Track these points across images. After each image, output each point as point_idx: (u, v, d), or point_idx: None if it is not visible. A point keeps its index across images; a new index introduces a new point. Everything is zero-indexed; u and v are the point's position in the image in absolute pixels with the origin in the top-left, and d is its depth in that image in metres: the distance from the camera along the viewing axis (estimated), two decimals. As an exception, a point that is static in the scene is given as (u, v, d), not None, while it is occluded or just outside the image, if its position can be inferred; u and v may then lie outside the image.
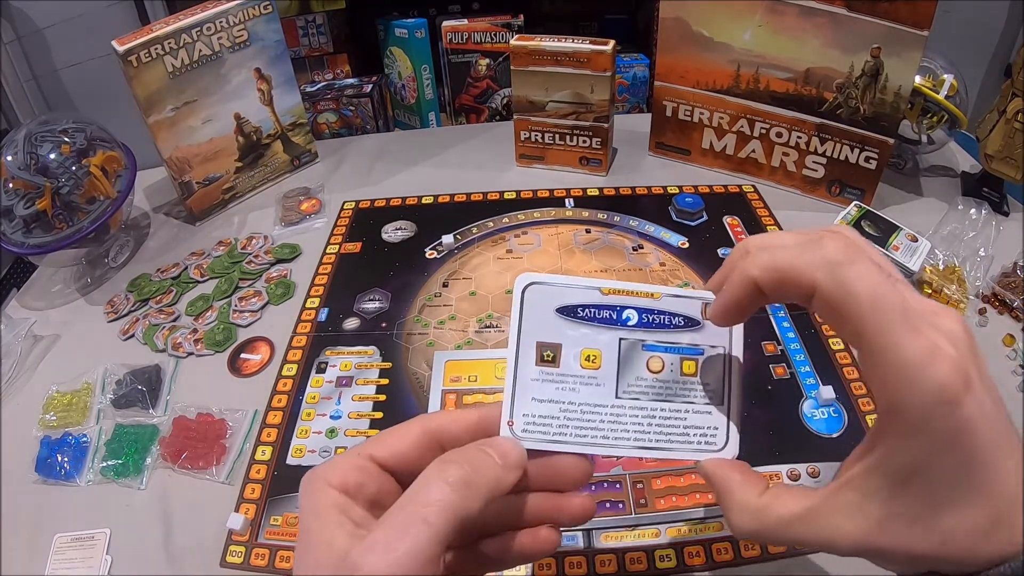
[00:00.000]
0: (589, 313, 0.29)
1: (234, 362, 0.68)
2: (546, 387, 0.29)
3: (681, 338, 0.29)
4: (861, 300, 0.25)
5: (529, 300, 0.30)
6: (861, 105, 0.76)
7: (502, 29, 1.12)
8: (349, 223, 0.86)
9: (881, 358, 0.24)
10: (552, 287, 0.30)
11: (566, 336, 0.29)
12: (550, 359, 0.29)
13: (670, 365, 0.29)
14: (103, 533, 0.53)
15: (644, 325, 0.29)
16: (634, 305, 0.29)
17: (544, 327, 0.30)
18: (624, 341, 0.29)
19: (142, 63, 0.76)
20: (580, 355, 0.29)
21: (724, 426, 0.29)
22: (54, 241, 0.75)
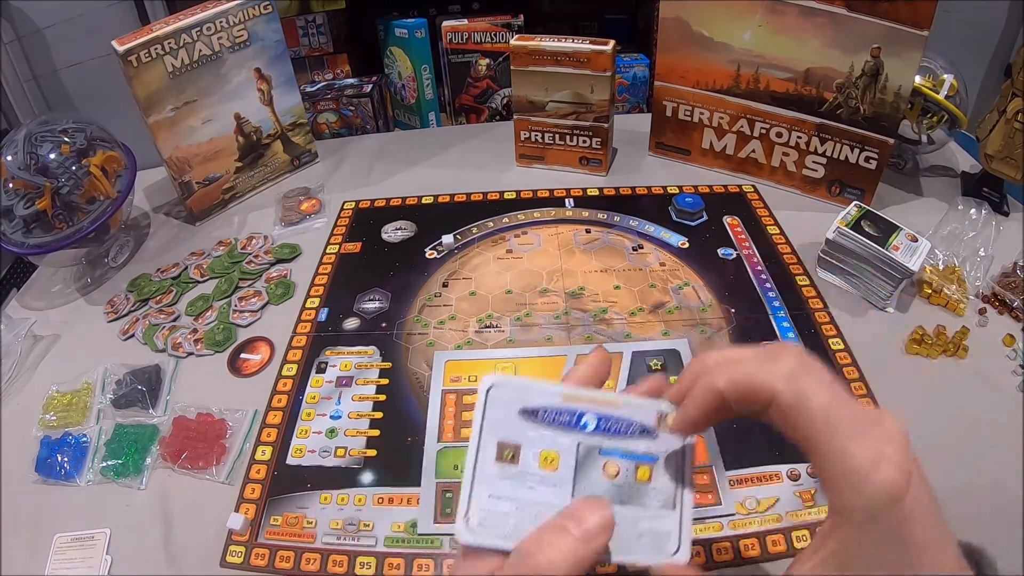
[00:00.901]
0: (549, 416, 0.30)
1: (234, 362, 0.68)
2: (504, 484, 0.30)
3: (637, 445, 0.30)
4: (814, 410, 0.28)
5: (492, 399, 0.31)
6: (861, 105, 0.76)
7: (502, 29, 1.12)
8: (349, 223, 0.86)
9: (833, 464, 0.27)
10: (516, 389, 0.31)
11: (526, 437, 0.30)
12: (510, 457, 0.30)
13: (625, 471, 0.30)
14: (103, 533, 0.53)
15: (602, 431, 0.30)
16: (593, 411, 0.31)
17: (506, 426, 0.31)
18: (582, 445, 0.30)
19: (142, 63, 0.76)
20: (539, 456, 0.30)
21: (677, 531, 0.30)
22: (54, 241, 0.75)
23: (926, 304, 0.70)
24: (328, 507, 0.54)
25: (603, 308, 0.70)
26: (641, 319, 0.69)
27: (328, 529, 0.53)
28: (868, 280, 0.69)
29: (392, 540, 0.52)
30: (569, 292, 0.73)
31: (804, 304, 0.70)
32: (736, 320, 0.68)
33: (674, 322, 0.68)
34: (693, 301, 0.71)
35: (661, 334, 0.67)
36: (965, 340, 0.64)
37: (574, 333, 0.68)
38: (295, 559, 0.51)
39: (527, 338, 0.68)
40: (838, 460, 0.27)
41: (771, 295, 0.71)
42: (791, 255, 0.76)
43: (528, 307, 0.71)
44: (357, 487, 0.56)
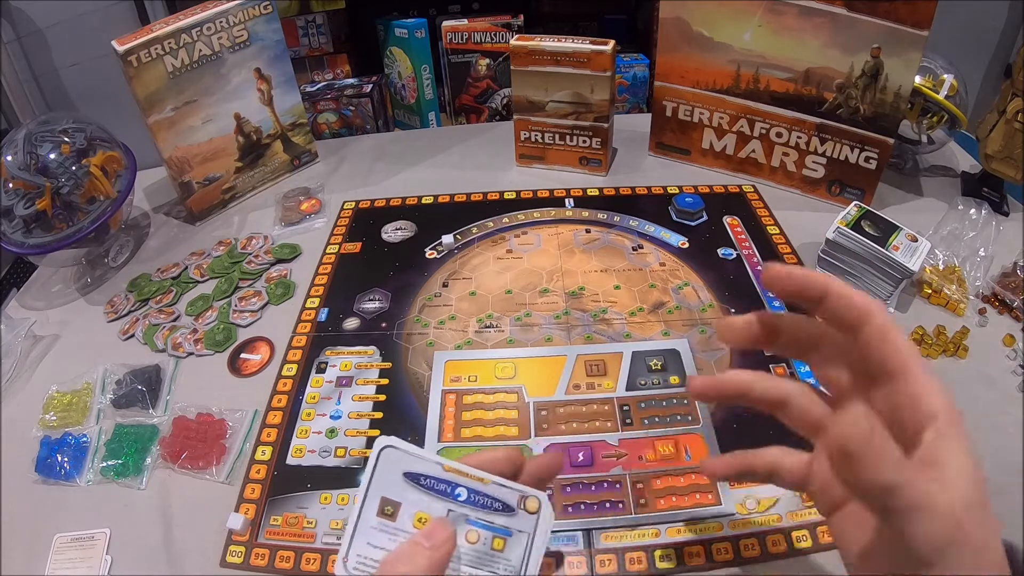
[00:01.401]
0: (429, 483, 0.35)
1: (234, 362, 0.68)
2: (381, 536, 0.34)
3: (497, 519, 0.35)
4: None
5: (384, 459, 0.36)
6: (861, 105, 0.76)
7: (502, 29, 1.12)
8: (349, 223, 0.86)
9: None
10: (403, 453, 0.36)
11: (406, 497, 0.35)
12: (389, 514, 0.35)
13: (483, 539, 0.35)
14: (103, 533, 0.53)
15: (471, 503, 0.35)
16: (466, 485, 0.35)
17: (390, 485, 0.35)
18: (452, 512, 0.35)
19: (142, 63, 0.76)
20: (414, 516, 0.35)
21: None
22: (54, 241, 0.75)
23: (926, 304, 0.70)
24: (328, 507, 0.54)
25: (603, 308, 0.70)
26: (641, 319, 0.69)
27: (328, 529, 0.53)
28: (868, 280, 0.69)
29: (392, 540, 0.52)
30: (569, 292, 0.73)
31: (804, 304, 0.69)
32: (736, 320, 0.68)
33: (674, 322, 0.68)
34: (693, 301, 0.71)
35: (661, 334, 0.67)
36: (965, 340, 0.64)
37: (574, 333, 0.68)
38: (295, 559, 0.51)
39: (527, 338, 0.68)
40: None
41: (771, 295, 0.71)
42: (791, 255, 0.76)
43: (528, 307, 0.71)
44: (357, 487, 0.55)
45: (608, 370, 0.63)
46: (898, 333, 0.29)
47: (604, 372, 0.63)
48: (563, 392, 0.61)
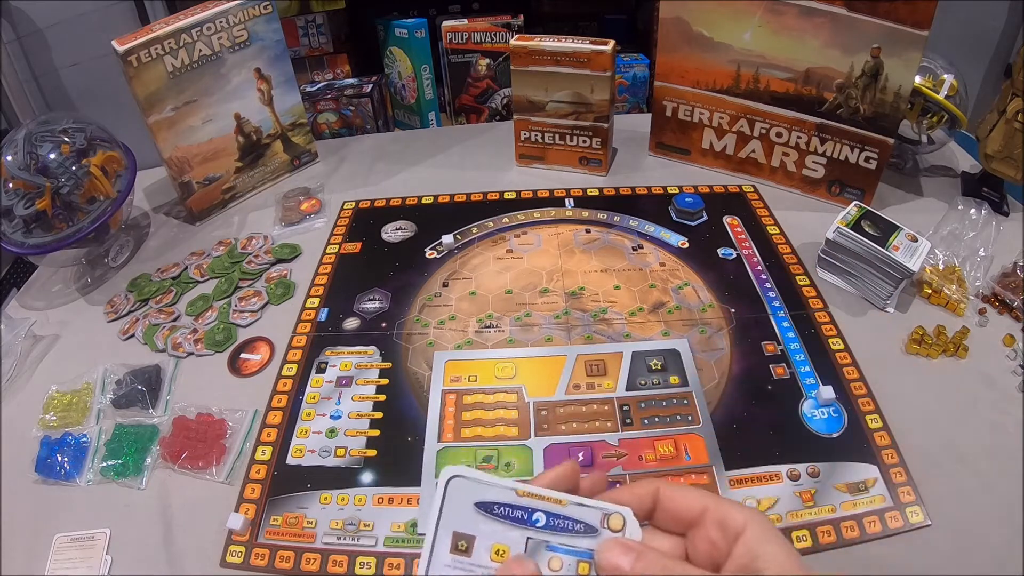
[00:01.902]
0: (503, 511, 0.32)
1: (234, 362, 0.68)
2: (456, 575, 0.32)
3: (580, 543, 0.32)
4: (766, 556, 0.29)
5: (452, 490, 0.33)
6: (861, 105, 0.76)
7: (502, 29, 1.12)
8: (349, 223, 0.86)
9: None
10: (472, 481, 0.33)
11: (480, 530, 0.32)
12: (464, 549, 0.32)
13: (567, 565, 0.32)
14: (103, 533, 0.53)
15: (550, 528, 0.32)
16: (543, 509, 0.33)
17: (462, 518, 0.32)
18: (531, 540, 0.32)
19: (142, 63, 0.76)
20: (491, 548, 0.32)
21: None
22: (54, 241, 0.74)
23: (926, 304, 0.70)
24: (328, 507, 0.54)
25: (603, 308, 0.70)
26: (641, 319, 0.69)
27: (328, 529, 0.53)
28: (868, 280, 0.69)
29: (392, 540, 0.52)
30: (569, 292, 0.73)
31: (804, 304, 0.70)
32: (736, 320, 0.68)
33: (674, 322, 0.68)
34: (693, 301, 0.71)
35: (661, 334, 0.67)
36: (965, 340, 0.64)
37: (574, 333, 0.68)
38: (295, 559, 0.51)
39: (527, 338, 0.68)
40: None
41: (771, 295, 0.71)
42: (791, 255, 0.76)
43: (528, 307, 0.71)
44: (357, 487, 0.56)
45: (608, 370, 0.63)
46: (682, 488, 0.32)
47: (604, 372, 0.63)
48: (563, 392, 0.61)
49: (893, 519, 0.50)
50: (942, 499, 0.52)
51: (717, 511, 0.31)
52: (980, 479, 0.53)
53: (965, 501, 0.52)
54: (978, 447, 0.55)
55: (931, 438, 0.56)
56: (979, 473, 0.53)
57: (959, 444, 0.56)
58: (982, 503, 0.51)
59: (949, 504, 0.52)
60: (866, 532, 0.50)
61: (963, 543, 0.49)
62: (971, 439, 0.56)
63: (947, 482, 0.53)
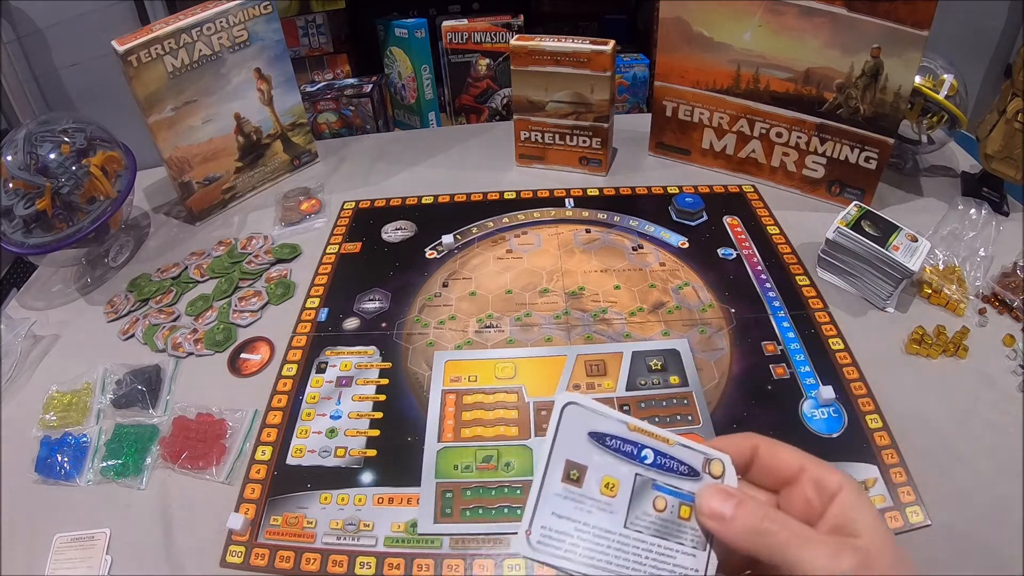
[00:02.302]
0: (615, 443, 0.32)
1: (234, 362, 0.68)
2: (567, 504, 0.31)
3: (684, 485, 0.32)
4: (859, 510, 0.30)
5: (567, 417, 0.32)
6: (861, 105, 0.76)
7: (502, 29, 1.12)
8: (349, 223, 0.86)
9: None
10: (589, 411, 0.32)
11: (592, 460, 0.32)
12: (575, 479, 0.31)
13: (671, 507, 0.32)
14: (103, 533, 0.53)
15: (657, 466, 0.32)
16: (652, 446, 0.32)
17: (575, 447, 0.32)
18: (639, 477, 0.32)
19: (142, 63, 0.76)
20: (601, 481, 0.31)
21: (704, 569, 0.32)
22: (54, 241, 0.74)
23: (926, 304, 0.70)
24: (328, 507, 0.54)
25: (603, 308, 0.70)
26: (641, 319, 0.69)
27: (328, 529, 0.53)
28: (868, 280, 0.69)
29: (392, 540, 0.52)
30: (569, 292, 0.73)
31: (804, 304, 0.70)
32: (736, 320, 0.68)
33: (674, 322, 0.68)
34: (693, 301, 0.71)
35: (661, 334, 0.67)
36: (965, 340, 0.64)
37: (574, 333, 0.68)
38: (295, 559, 0.51)
39: (527, 338, 0.68)
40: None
41: (771, 295, 0.71)
42: (791, 255, 0.76)
43: (528, 307, 0.71)
44: (357, 487, 0.56)
45: (608, 370, 0.63)
46: (781, 445, 0.33)
47: (604, 372, 0.63)
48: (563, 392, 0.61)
49: (893, 519, 0.50)
50: (942, 499, 0.52)
51: (815, 471, 0.31)
52: (980, 479, 0.53)
53: (965, 501, 0.52)
54: (978, 447, 0.55)
55: (931, 438, 0.56)
56: (979, 473, 0.53)
57: (959, 444, 0.56)
58: (982, 503, 0.51)
59: (949, 504, 0.52)
60: (866, 532, 0.50)
61: (963, 543, 0.49)
62: (971, 439, 0.56)
63: (947, 482, 0.53)
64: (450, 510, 0.53)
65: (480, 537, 0.51)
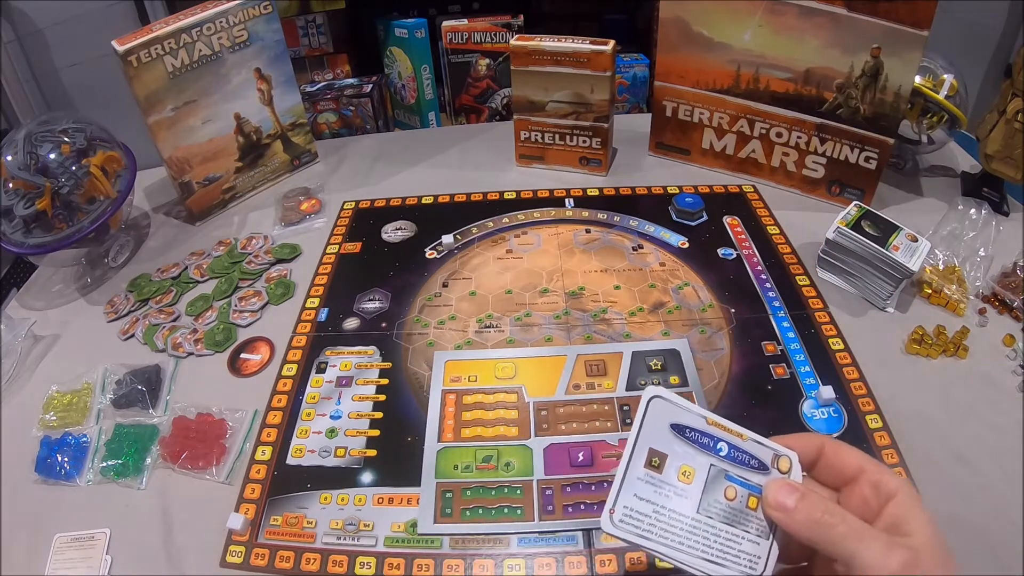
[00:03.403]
0: (694, 436, 0.35)
1: (234, 362, 0.68)
2: (647, 488, 0.34)
3: (753, 477, 0.35)
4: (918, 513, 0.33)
5: (652, 409, 0.35)
6: (861, 105, 0.76)
7: (502, 29, 1.12)
8: (349, 223, 0.86)
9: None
10: (672, 405, 0.35)
11: (673, 449, 0.35)
12: (656, 465, 0.34)
13: (741, 496, 0.35)
14: (103, 533, 0.53)
15: (731, 458, 0.35)
16: (726, 440, 0.35)
17: (658, 436, 0.35)
18: (713, 467, 0.35)
19: (142, 63, 0.76)
20: (679, 469, 0.35)
21: (766, 556, 0.35)
22: (54, 241, 0.74)
23: (926, 304, 0.70)
24: (328, 507, 0.54)
25: (603, 308, 0.70)
26: (641, 319, 0.69)
27: (328, 529, 0.53)
28: (868, 280, 0.69)
29: (392, 540, 0.52)
30: (569, 292, 0.73)
31: (804, 304, 0.70)
32: (736, 320, 0.68)
33: (674, 322, 0.68)
34: (693, 301, 0.71)
35: (661, 334, 0.67)
36: (965, 340, 0.64)
37: (574, 333, 0.68)
38: (295, 559, 0.51)
39: (527, 338, 0.68)
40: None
41: (771, 295, 0.71)
42: (791, 255, 0.76)
43: (528, 307, 0.71)
44: (357, 487, 0.56)
45: (608, 370, 0.63)
46: (846, 446, 0.36)
47: (604, 372, 0.63)
48: (563, 392, 0.61)
49: (893, 519, 0.50)
50: (942, 499, 0.52)
51: (874, 473, 0.34)
52: (980, 479, 0.53)
53: (965, 501, 0.52)
54: (978, 447, 0.55)
55: (931, 438, 0.56)
56: (979, 473, 0.53)
57: (959, 444, 0.56)
58: (982, 503, 0.51)
59: (949, 504, 0.52)
60: (866, 532, 0.50)
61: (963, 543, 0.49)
62: (971, 439, 0.56)
63: (947, 482, 0.53)
64: (450, 510, 0.53)
65: (480, 537, 0.51)
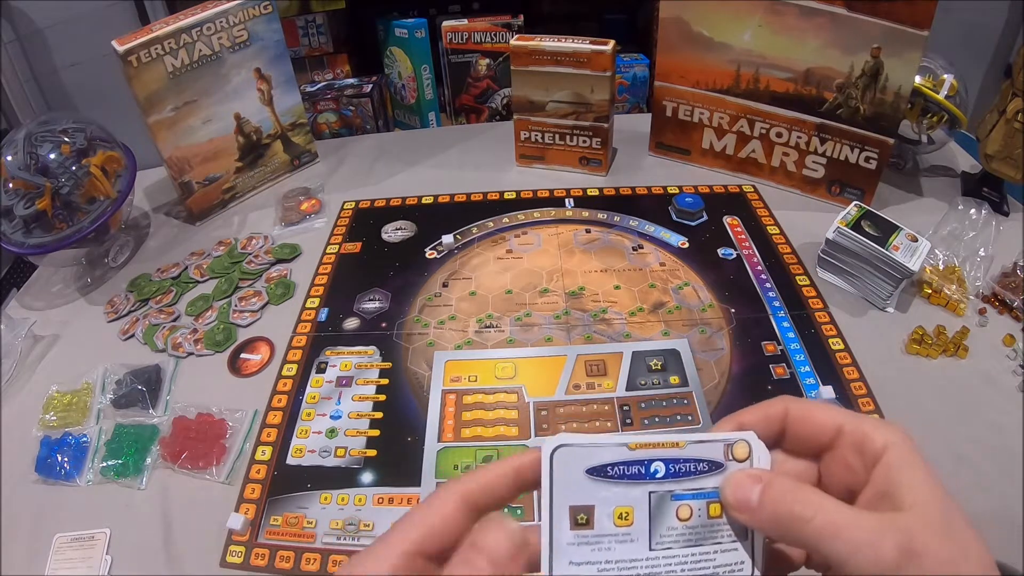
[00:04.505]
0: (619, 471, 0.30)
1: (234, 362, 0.68)
2: (582, 550, 0.29)
3: (707, 483, 0.30)
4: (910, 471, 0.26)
5: (559, 463, 0.30)
6: (861, 105, 0.76)
7: (502, 29, 1.12)
8: (349, 223, 0.86)
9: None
10: (581, 448, 0.30)
11: (598, 497, 0.30)
12: (584, 522, 0.29)
13: (698, 511, 0.30)
14: (103, 533, 0.53)
15: (672, 475, 0.30)
16: (660, 457, 0.30)
17: (576, 490, 0.30)
18: (654, 494, 0.30)
19: (142, 63, 0.76)
20: (613, 514, 0.29)
21: (749, 559, 0.30)
22: (54, 241, 0.74)
23: (926, 304, 0.70)
24: (328, 507, 0.54)
25: (603, 308, 0.70)
26: (641, 319, 0.69)
27: (328, 529, 0.53)
28: (868, 280, 0.69)
29: (392, 540, 0.52)
30: (569, 292, 0.73)
31: (804, 304, 0.70)
32: (736, 320, 0.68)
33: (674, 322, 0.68)
34: (693, 301, 0.71)
35: (661, 334, 0.67)
36: (965, 340, 0.64)
37: (574, 333, 0.68)
38: (295, 559, 0.51)
39: (527, 338, 0.68)
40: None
41: (771, 295, 0.71)
42: (791, 255, 0.76)
43: (528, 307, 0.71)
44: (357, 487, 0.56)
45: (608, 370, 0.63)
46: (813, 405, 0.29)
47: (604, 372, 0.63)
48: (563, 392, 0.61)
49: (893, 519, 0.50)
50: (942, 499, 0.52)
51: (855, 431, 0.26)
52: (980, 479, 0.53)
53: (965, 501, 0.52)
54: (978, 447, 0.55)
55: (931, 438, 0.56)
56: (979, 473, 0.53)
57: (959, 444, 0.56)
58: (982, 503, 0.51)
59: (949, 504, 0.51)
60: (866, 532, 0.50)
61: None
62: (971, 439, 0.56)
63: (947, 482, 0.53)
64: (450, 510, 0.53)
65: (480, 537, 0.51)
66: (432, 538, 0.27)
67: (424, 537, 0.27)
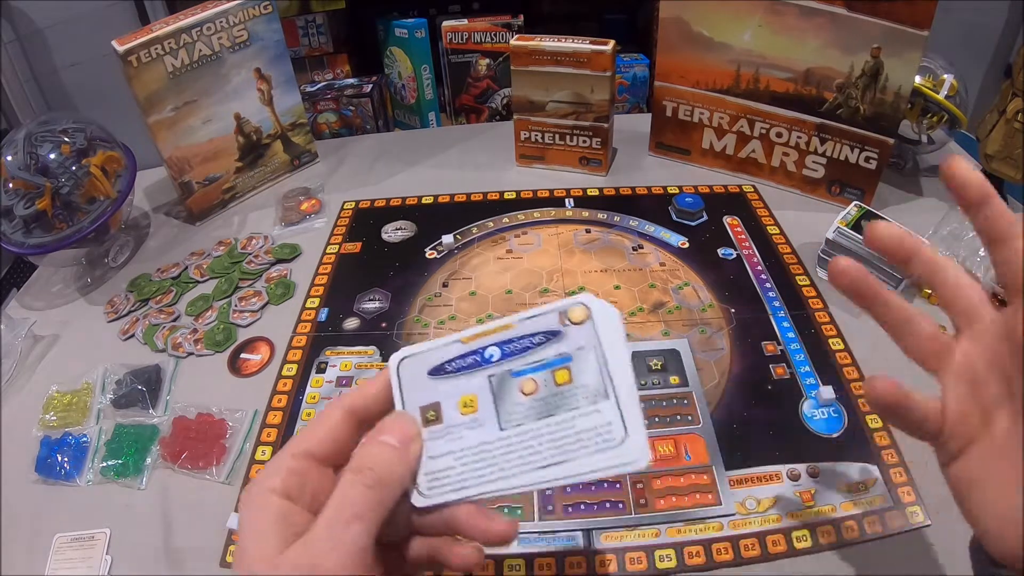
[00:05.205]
0: (456, 365, 0.31)
1: (234, 362, 0.68)
2: (437, 444, 0.31)
3: (545, 353, 0.30)
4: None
5: (405, 372, 0.32)
6: (861, 105, 0.76)
7: (502, 29, 1.12)
8: (349, 223, 0.86)
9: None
10: (419, 355, 0.32)
11: (441, 392, 0.31)
12: (433, 418, 0.31)
13: (543, 382, 0.30)
14: (103, 533, 0.53)
15: (507, 356, 0.31)
16: (493, 342, 0.31)
17: (421, 391, 0.32)
18: (493, 377, 0.31)
19: (142, 63, 0.76)
20: (458, 404, 0.31)
21: (618, 418, 0.29)
22: (54, 241, 0.74)
23: (926, 304, 0.69)
24: (328, 507, 0.54)
25: (603, 308, 0.70)
26: (641, 319, 0.69)
27: (328, 529, 0.53)
28: (868, 280, 0.69)
29: (392, 540, 0.52)
30: (569, 292, 0.73)
31: (804, 304, 0.70)
32: (736, 320, 0.68)
33: (674, 322, 0.68)
34: (693, 301, 0.71)
35: (661, 334, 0.67)
36: (965, 340, 0.64)
37: (574, 333, 0.68)
38: (295, 559, 0.51)
39: (527, 338, 0.68)
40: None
41: (771, 295, 0.71)
42: (791, 255, 0.76)
43: (528, 307, 0.71)
44: (357, 487, 0.55)
45: (608, 370, 0.63)
46: (1011, 213, 0.32)
47: (604, 372, 0.63)
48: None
49: (893, 519, 0.51)
50: (942, 499, 0.52)
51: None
52: (980, 479, 0.53)
53: (965, 501, 0.52)
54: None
55: (931, 438, 0.56)
56: (979, 473, 0.53)
57: (959, 444, 0.56)
58: (982, 503, 0.51)
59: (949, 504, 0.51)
60: (866, 532, 0.50)
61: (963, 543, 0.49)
62: None
63: (947, 482, 0.53)
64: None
65: (480, 537, 0.51)
66: (321, 444, 0.32)
67: (312, 443, 0.31)
